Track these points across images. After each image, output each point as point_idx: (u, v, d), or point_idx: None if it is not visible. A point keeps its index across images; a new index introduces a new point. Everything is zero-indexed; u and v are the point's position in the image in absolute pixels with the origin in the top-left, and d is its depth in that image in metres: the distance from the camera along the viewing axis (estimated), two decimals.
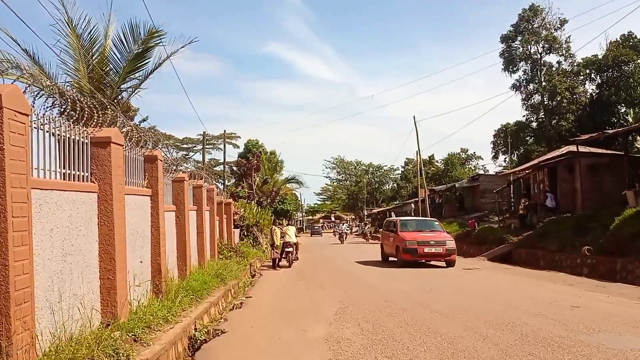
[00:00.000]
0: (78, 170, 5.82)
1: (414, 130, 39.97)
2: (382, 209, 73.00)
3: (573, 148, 22.85)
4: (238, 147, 52.43)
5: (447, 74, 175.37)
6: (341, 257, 24.12)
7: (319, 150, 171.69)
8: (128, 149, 7.62)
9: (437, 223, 20.43)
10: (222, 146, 42.52)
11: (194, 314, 8.14)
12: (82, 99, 6.34)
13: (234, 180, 39.84)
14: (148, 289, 8.07)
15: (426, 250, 17.19)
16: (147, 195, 8.33)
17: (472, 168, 66.20)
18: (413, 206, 52.96)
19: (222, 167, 43.90)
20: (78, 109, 6.07)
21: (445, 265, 17.38)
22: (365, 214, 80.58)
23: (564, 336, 6.53)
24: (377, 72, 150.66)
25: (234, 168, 39.55)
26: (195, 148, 55.84)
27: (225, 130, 41.39)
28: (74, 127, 5.76)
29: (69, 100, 6.05)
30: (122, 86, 14.07)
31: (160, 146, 10.94)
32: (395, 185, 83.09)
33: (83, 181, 5.93)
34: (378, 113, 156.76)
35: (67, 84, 12.99)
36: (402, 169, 78.72)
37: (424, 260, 17.71)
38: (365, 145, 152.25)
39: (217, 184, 35.06)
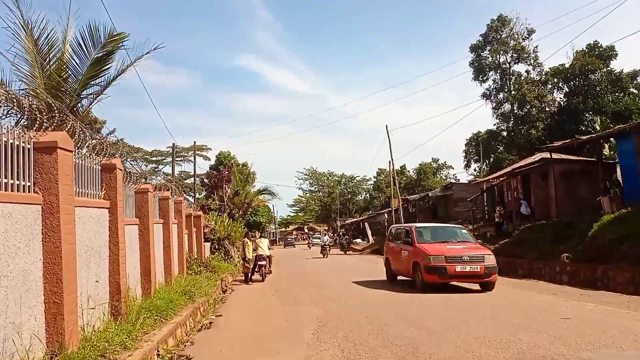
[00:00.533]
0: (18, 180, 5.06)
1: (386, 141, 39.84)
2: (355, 219, 72.74)
3: (546, 155, 22.86)
4: (209, 159, 51.37)
5: (417, 85, 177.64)
6: (332, 275, 19.50)
7: (292, 163, 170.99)
8: (81, 156, 6.87)
9: (464, 231, 15.74)
10: (192, 158, 41.44)
11: (157, 337, 7.36)
12: (23, 100, 5.62)
13: (205, 192, 38.79)
14: (105, 311, 7.26)
15: (459, 269, 12.77)
16: (104, 208, 7.54)
17: (444, 177, 66.65)
18: (386, 216, 52.74)
19: (193, 179, 42.73)
20: (15, 110, 5.34)
21: (480, 289, 13.28)
22: (339, 224, 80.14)
23: (564, 354, 6.01)
24: (347, 84, 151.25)
25: (205, 180, 38.48)
26: (165, 161, 54.46)
27: (195, 142, 40.29)
28: (10, 130, 5.01)
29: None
30: (83, 93, 13.27)
31: (128, 159, 10.16)
32: (368, 195, 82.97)
33: (24, 192, 5.16)
34: (349, 125, 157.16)
35: (21, 91, 12.12)
36: (375, 180, 78.80)
37: (455, 283, 13.65)
38: (338, 157, 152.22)
39: (188, 197, 34.00)
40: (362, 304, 11.17)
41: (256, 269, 18.05)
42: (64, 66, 12.56)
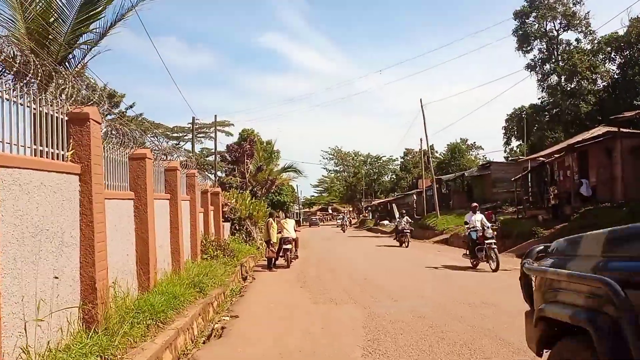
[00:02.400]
0: None
1: (415, 119, 37.11)
2: (381, 200, 70.21)
3: (609, 128, 20.06)
4: (232, 135, 49.14)
5: (446, 63, 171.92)
6: None
7: (316, 142, 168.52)
8: (24, 98, 4.68)
9: None
10: (214, 135, 39.12)
11: (145, 354, 5.24)
12: None
13: (226, 169, 36.71)
14: (72, 319, 5.15)
15: None
16: (70, 173, 5.37)
17: (473, 159, 63.23)
18: (415, 197, 50.09)
19: (214, 156, 40.60)
20: None
21: None
22: (364, 206, 77.79)
23: None
24: (374, 63, 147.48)
25: (226, 155, 36.25)
26: (186, 137, 52.50)
27: (216, 116, 37.89)
28: None
29: None
30: (77, 41, 11.17)
31: (149, 135, 8.02)
32: (394, 176, 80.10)
33: None
34: (376, 104, 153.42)
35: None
36: (402, 160, 75.88)
37: None
38: (364, 137, 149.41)
39: (209, 174, 31.96)
40: (412, 303, 8.75)
41: (281, 254, 16.03)
42: (52, 10, 10.42)
